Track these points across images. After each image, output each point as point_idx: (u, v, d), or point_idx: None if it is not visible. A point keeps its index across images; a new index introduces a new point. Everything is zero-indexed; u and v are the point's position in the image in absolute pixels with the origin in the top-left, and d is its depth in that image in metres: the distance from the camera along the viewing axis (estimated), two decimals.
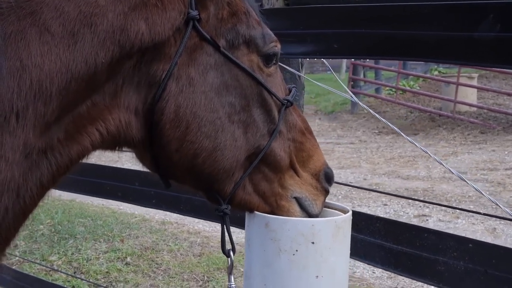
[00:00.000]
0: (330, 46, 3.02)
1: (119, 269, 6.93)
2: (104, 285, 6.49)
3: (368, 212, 9.82)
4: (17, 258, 7.15)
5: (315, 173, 2.17)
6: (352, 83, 22.81)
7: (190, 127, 1.82)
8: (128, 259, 7.24)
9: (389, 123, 3.07)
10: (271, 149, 2.02)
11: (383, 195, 10.60)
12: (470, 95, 20.52)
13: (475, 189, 2.65)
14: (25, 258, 7.09)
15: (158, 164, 1.94)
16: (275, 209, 2.10)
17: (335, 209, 2.31)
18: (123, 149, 1.94)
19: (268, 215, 2.09)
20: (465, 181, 2.70)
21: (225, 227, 2.11)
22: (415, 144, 2.99)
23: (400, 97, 22.71)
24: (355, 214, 3.02)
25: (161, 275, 6.82)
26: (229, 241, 2.12)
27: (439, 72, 26.27)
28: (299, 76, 3.41)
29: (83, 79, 1.59)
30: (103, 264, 7.06)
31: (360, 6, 2.92)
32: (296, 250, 2.04)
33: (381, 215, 9.62)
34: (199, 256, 7.28)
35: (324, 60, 3.37)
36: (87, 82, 1.61)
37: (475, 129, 18.19)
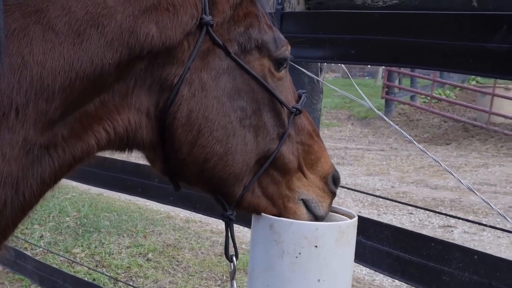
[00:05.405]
0: (348, 51, 2.99)
1: (140, 264, 6.98)
2: (124, 279, 6.55)
3: (394, 220, 9.75)
4: (41, 249, 7.27)
5: (323, 175, 2.16)
6: (386, 89, 22.62)
7: (202, 131, 1.81)
8: (150, 255, 7.29)
9: (401, 131, 3.06)
10: (281, 153, 2.01)
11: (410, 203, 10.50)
12: (506, 107, 20.17)
13: (485, 201, 2.63)
14: (49, 249, 7.20)
15: (169, 166, 1.93)
16: (282, 211, 2.10)
17: (343, 215, 2.31)
18: (133, 151, 1.90)
19: (273, 217, 2.08)
20: (474, 192, 2.68)
21: (229, 232, 2.14)
22: (427, 153, 2.98)
23: (435, 106, 22.46)
24: (364, 221, 3.02)
25: (181, 272, 6.86)
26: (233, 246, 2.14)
27: (477, 82, 25.86)
28: (318, 81, 3.41)
29: (89, 78, 1.56)
30: (124, 259, 7.12)
31: (376, 12, 2.91)
32: (299, 253, 2.04)
33: (407, 224, 9.59)
34: (220, 255, 7.29)
35: (343, 66, 3.37)
36: (94, 81, 1.58)
37: (509, 141, 17.89)
